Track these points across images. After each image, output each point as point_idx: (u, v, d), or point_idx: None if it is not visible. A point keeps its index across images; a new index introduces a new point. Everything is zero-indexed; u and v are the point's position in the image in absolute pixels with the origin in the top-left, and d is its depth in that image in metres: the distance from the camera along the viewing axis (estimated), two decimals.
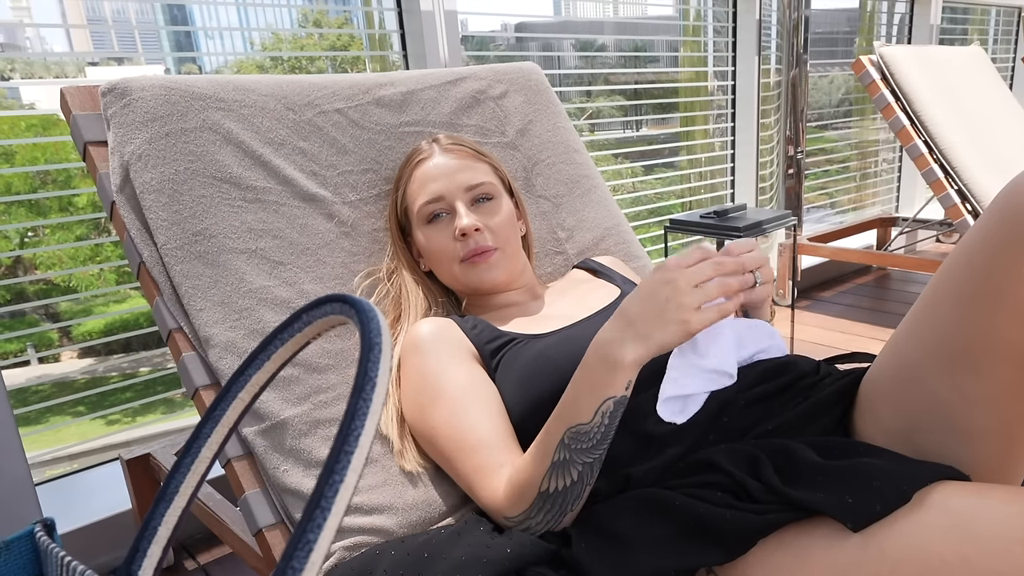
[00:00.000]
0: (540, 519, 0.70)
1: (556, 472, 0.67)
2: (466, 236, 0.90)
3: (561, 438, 0.67)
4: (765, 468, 0.61)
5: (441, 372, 0.82)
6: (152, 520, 0.35)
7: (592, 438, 0.66)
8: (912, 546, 0.52)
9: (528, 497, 0.70)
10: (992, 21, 3.88)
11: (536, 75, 1.27)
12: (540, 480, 0.68)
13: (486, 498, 0.75)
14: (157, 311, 0.88)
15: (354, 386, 0.29)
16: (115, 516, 1.25)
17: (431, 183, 0.93)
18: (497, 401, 0.81)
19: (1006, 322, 0.56)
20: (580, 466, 0.67)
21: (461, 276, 0.93)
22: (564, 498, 0.68)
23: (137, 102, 0.88)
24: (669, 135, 2.75)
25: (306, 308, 0.35)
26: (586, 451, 0.67)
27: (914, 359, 0.64)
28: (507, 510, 0.72)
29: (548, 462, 0.67)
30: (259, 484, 0.82)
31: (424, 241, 0.94)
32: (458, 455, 0.78)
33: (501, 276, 0.92)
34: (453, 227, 0.91)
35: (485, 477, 0.75)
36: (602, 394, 0.66)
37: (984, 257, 0.57)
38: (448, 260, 0.92)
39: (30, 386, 4.97)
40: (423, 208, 0.93)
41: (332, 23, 4.55)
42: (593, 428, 0.66)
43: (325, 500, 0.27)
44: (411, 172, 0.96)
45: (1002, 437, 0.61)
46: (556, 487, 0.67)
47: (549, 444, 0.68)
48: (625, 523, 0.65)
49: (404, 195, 0.96)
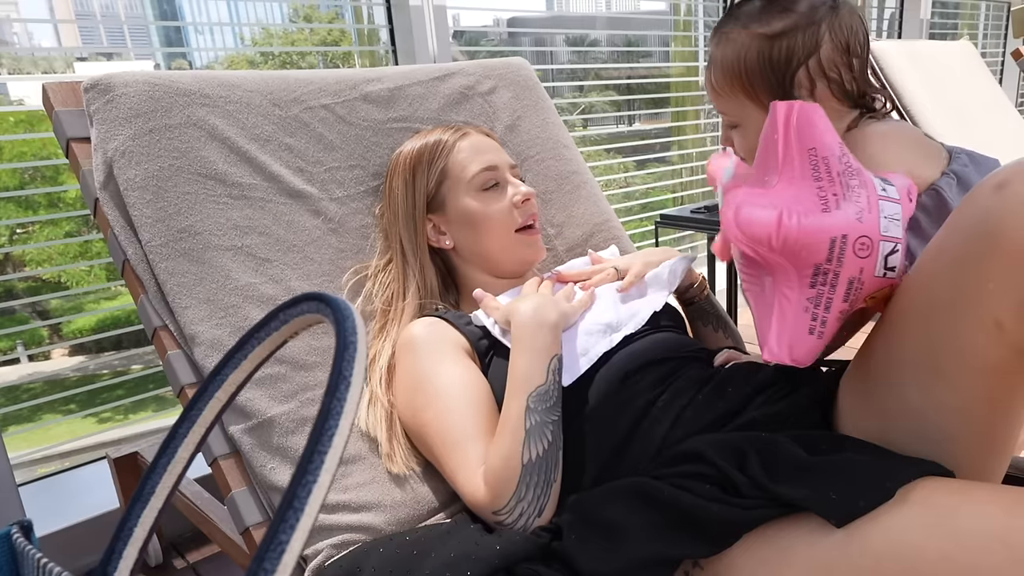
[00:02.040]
0: (530, 497, 0.71)
1: (532, 438, 0.72)
2: (527, 202, 0.94)
3: (526, 405, 0.73)
4: (751, 462, 0.62)
5: (433, 371, 0.82)
6: (128, 521, 0.35)
7: (551, 396, 0.75)
8: (894, 542, 0.52)
9: (511, 478, 0.71)
10: (982, 16, 3.89)
11: (525, 71, 1.26)
12: (520, 453, 0.71)
13: (470, 495, 0.75)
14: (142, 309, 0.87)
15: (328, 385, 0.29)
16: (102, 515, 1.25)
17: (486, 153, 0.95)
18: (488, 398, 0.82)
19: (973, 331, 0.56)
20: (551, 425, 0.74)
21: (513, 245, 0.95)
22: (546, 464, 0.72)
23: (120, 98, 0.87)
24: (661, 130, 2.75)
25: (282, 307, 0.34)
26: (550, 409, 0.74)
27: (885, 367, 0.64)
28: (494, 502, 0.72)
29: (522, 431, 0.72)
30: (246, 482, 0.81)
31: (478, 207, 0.93)
32: (444, 452, 0.78)
33: (543, 253, 0.99)
34: (508, 196, 0.94)
35: (465, 469, 0.75)
36: (548, 354, 0.77)
37: (949, 267, 0.57)
38: (504, 227, 0.94)
39: (21, 384, 4.93)
40: (479, 175, 0.93)
41: (322, 18, 4.53)
42: (549, 387, 0.75)
43: (298, 500, 0.26)
44: (455, 144, 0.95)
45: (976, 442, 0.61)
46: (537, 453, 0.72)
47: (517, 417, 0.73)
48: (613, 512, 0.65)
49: (447, 166, 0.94)
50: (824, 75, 0.72)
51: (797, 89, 0.72)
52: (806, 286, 0.64)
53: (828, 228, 0.61)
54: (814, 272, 0.63)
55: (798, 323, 0.66)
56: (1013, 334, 0.54)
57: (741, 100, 0.75)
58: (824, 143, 0.64)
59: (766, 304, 0.68)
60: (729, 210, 0.65)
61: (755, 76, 0.73)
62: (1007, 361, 0.55)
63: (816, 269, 0.63)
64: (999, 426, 0.61)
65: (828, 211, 0.61)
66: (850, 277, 0.63)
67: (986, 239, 0.53)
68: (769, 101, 0.72)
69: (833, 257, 0.62)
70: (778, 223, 0.61)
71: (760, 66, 0.73)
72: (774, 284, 0.67)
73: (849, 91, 0.74)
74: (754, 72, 0.73)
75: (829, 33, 0.72)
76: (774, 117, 0.65)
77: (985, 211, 0.54)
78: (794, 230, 0.61)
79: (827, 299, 0.64)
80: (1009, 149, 2.25)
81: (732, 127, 0.79)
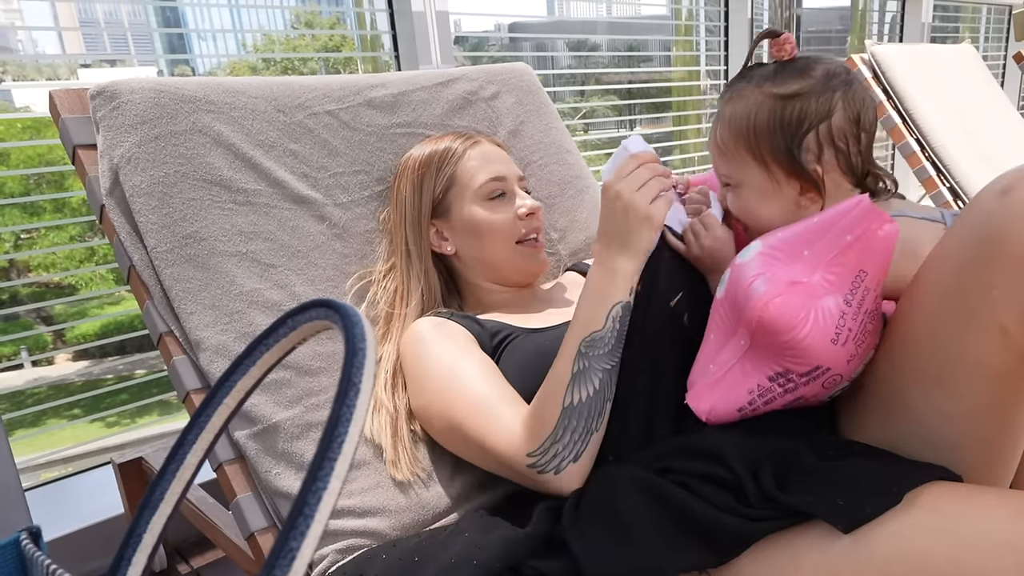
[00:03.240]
0: (566, 440, 0.70)
1: (577, 382, 0.71)
2: (532, 216, 0.95)
3: (578, 348, 0.71)
4: (764, 472, 0.61)
5: (446, 357, 0.82)
6: (137, 527, 0.35)
7: (607, 343, 0.72)
8: (902, 546, 0.52)
9: (551, 418, 0.70)
10: (983, 19, 3.89)
11: (528, 76, 1.26)
12: (563, 395, 0.70)
13: (504, 442, 0.74)
14: (148, 315, 0.87)
15: (337, 391, 0.29)
16: (107, 521, 1.25)
17: (495, 163, 0.96)
18: (497, 372, 0.82)
19: (978, 340, 0.56)
20: (600, 373, 0.71)
21: (514, 256, 0.95)
22: (588, 411, 0.70)
23: (126, 105, 0.88)
24: (662, 134, 2.75)
25: (291, 313, 0.35)
26: (603, 357, 0.72)
27: (889, 374, 0.64)
28: (529, 443, 0.71)
29: (569, 374, 0.71)
30: (251, 487, 0.81)
31: (483, 215, 0.94)
32: (464, 416, 0.77)
33: (546, 266, 0.99)
34: (514, 207, 0.95)
35: (496, 423, 0.75)
36: (610, 300, 0.72)
37: (953, 274, 0.57)
38: (506, 237, 0.94)
39: (27, 389, 4.94)
40: (486, 185, 0.94)
41: (324, 24, 4.55)
42: (606, 334, 0.72)
43: (308, 507, 0.26)
44: (465, 151, 0.96)
45: (983, 448, 0.61)
46: (580, 398, 0.70)
47: (567, 358, 0.72)
48: (621, 507, 0.64)
49: (455, 173, 0.95)
50: (833, 143, 0.72)
51: (804, 153, 0.71)
52: (765, 377, 0.66)
53: (823, 355, 0.62)
54: (782, 372, 0.65)
55: (737, 397, 0.69)
56: (1018, 340, 0.54)
57: (745, 160, 0.74)
58: (878, 273, 0.63)
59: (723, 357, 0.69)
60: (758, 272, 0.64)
61: (763, 135, 0.72)
62: (1012, 367, 0.55)
63: (785, 372, 0.65)
64: (1005, 432, 0.60)
65: (835, 343, 0.62)
66: (804, 394, 0.66)
67: (990, 245, 0.53)
68: (774, 164, 0.72)
69: (807, 376, 0.64)
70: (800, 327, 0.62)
71: (770, 126, 0.72)
72: (745, 352, 0.67)
73: (854, 165, 0.73)
74: (763, 131, 0.72)
75: (843, 102, 0.71)
76: (857, 211, 0.63)
77: (989, 217, 0.54)
78: (805, 341, 0.62)
79: (771, 397, 0.67)
80: (1011, 153, 2.25)
81: (729, 186, 0.78)
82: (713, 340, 0.71)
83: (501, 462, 0.75)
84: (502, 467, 0.76)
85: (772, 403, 0.68)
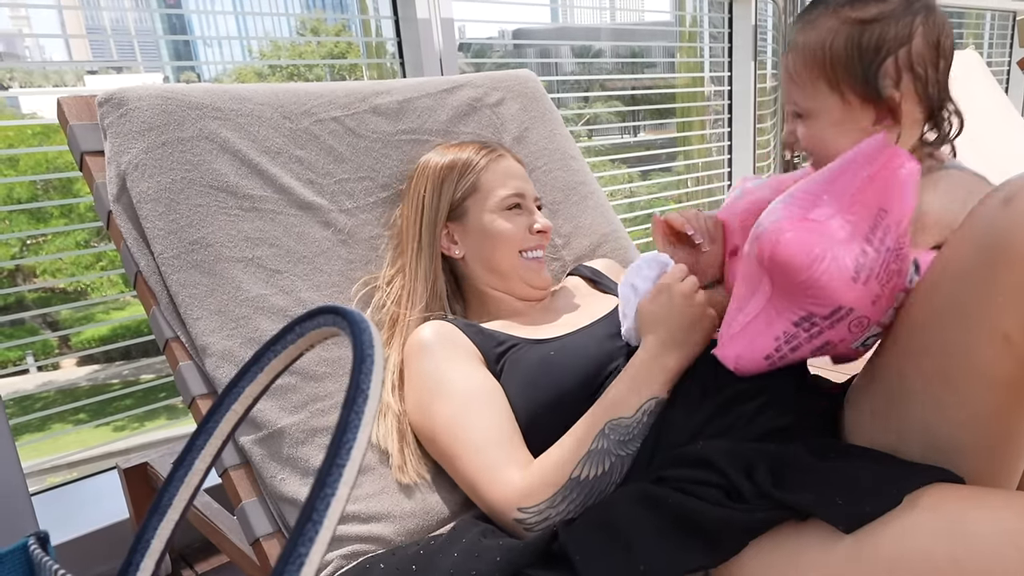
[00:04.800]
0: (562, 508, 0.70)
1: (591, 459, 0.71)
2: (542, 233, 0.98)
3: (602, 428, 0.72)
4: (759, 472, 0.61)
5: (445, 372, 0.82)
6: (145, 533, 0.35)
7: (630, 432, 0.73)
8: (904, 547, 0.52)
9: (555, 483, 0.71)
10: (987, 26, 3.89)
11: (532, 82, 1.27)
12: (574, 466, 0.71)
13: (497, 492, 0.74)
14: (154, 321, 0.88)
15: (346, 398, 0.29)
16: (112, 526, 1.25)
17: (516, 179, 0.99)
18: (503, 403, 0.82)
19: (981, 345, 0.56)
20: (614, 457, 0.72)
21: (518, 264, 0.96)
22: (592, 487, 0.71)
23: (134, 112, 0.88)
24: (666, 140, 2.75)
25: (299, 320, 0.35)
26: (622, 443, 0.73)
27: (892, 380, 0.64)
28: (524, 500, 0.72)
29: (585, 448, 0.71)
30: (256, 493, 0.81)
31: (499, 221, 0.96)
32: (463, 454, 0.78)
33: (548, 282, 1.00)
34: (528, 221, 0.97)
35: (495, 472, 0.75)
36: (647, 393, 0.74)
37: (956, 281, 0.57)
38: (514, 243, 0.96)
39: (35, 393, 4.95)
40: (508, 198, 0.96)
41: (329, 31, 4.57)
42: (633, 423, 0.73)
43: (317, 513, 0.27)
44: (488, 163, 0.98)
45: (986, 454, 0.61)
46: (588, 475, 0.71)
47: (589, 432, 0.73)
48: (617, 517, 0.65)
49: (478, 181, 0.97)
50: (911, 69, 0.70)
51: (882, 79, 0.69)
52: (790, 322, 0.66)
53: (845, 295, 0.61)
54: (805, 317, 0.64)
55: (763, 344, 0.68)
56: (1021, 347, 0.54)
57: (819, 88, 0.72)
58: (899, 212, 0.62)
59: (750, 308, 0.69)
60: (776, 219, 0.63)
61: (840, 63, 0.70)
62: (1016, 375, 0.55)
63: (808, 316, 0.64)
64: (1009, 438, 0.60)
65: (856, 281, 0.61)
66: (830, 339, 0.65)
67: (994, 253, 0.53)
68: (850, 91, 0.70)
69: (830, 318, 0.63)
70: (815, 265, 0.61)
71: (847, 52, 0.69)
72: (768, 299, 0.67)
73: (931, 93, 0.71)
74: (839, 58, 0.70)
75: (923, 27, 0.69)
76: (874, 149, 0.62)
77: (992, 225, 0.54)
78: (823, 279, 0.61)
79: (797, 343, 0.67)
80: (1016, 159, 2.24)
81: (799, 116, 0.75)
82: (741, 293, 0.71)
83: (487, 505, 0.76)
84: (485, 508, 0.76)
85: (799, 350, 0.67)
